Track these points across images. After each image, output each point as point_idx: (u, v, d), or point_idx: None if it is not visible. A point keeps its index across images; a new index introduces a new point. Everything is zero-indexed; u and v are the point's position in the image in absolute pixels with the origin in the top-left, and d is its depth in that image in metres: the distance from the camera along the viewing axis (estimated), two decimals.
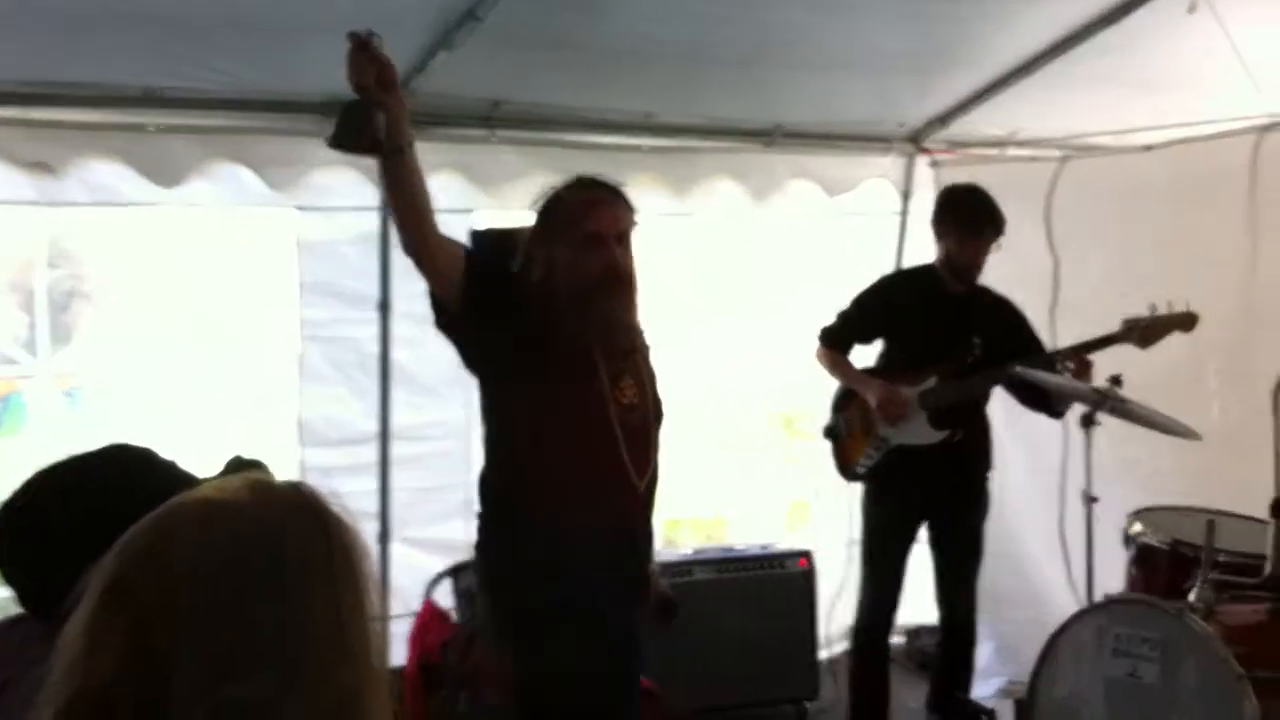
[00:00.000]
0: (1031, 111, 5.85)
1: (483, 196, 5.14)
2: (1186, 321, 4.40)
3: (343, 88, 4.71)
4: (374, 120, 2.86)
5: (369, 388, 5.14)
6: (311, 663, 1.25)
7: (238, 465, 1.66)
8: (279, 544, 1.28)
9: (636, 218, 3.29)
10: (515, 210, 5.24)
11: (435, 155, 4.97)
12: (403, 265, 5.02)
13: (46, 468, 1.89)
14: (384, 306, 5.07)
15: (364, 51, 2.91)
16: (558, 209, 3.27)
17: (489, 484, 3.38)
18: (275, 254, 5.06)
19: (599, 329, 3.19)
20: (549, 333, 3.18)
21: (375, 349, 5.12)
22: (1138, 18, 5.07)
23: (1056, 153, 5.89)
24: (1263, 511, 3.70)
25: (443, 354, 5.18)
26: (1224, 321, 4.67)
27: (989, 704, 5.29)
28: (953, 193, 4.99)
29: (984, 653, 5.53)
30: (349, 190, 4.94)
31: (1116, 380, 4.16)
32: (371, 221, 5.03)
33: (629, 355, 3.31)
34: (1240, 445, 4.45)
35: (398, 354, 5.14)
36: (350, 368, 5.13)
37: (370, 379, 5.14)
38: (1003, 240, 4.84)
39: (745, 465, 7.89)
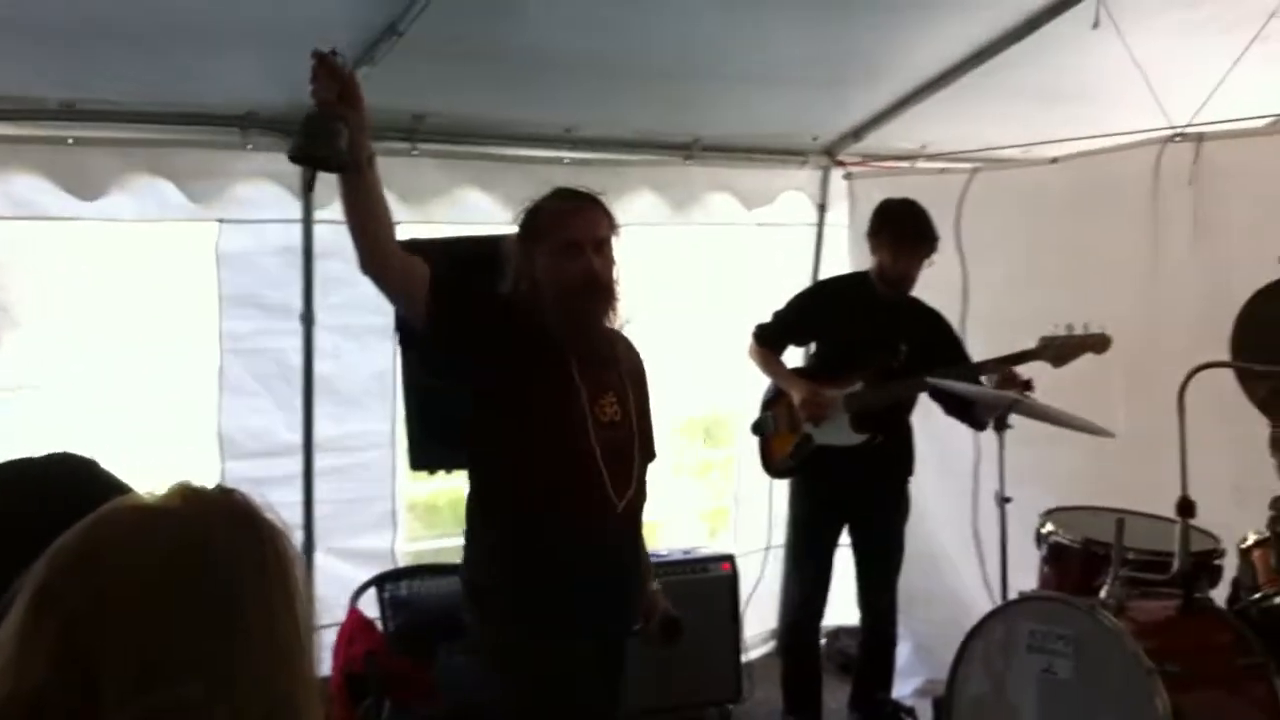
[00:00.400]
0: (942, 125, 5.99)
1: (405, 210, 5.15)
2: (1100, 344, 4.54)
3: (263, 100, 4.79)
4: (336, 134, 2.86)
5: (291, 399, 5.14)
6: (243, 668, 1.25)
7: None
8: (210, 550, 1.27)
9: (616, 226, 3.28)
10: (438, 223, 5.28)
11: None
12: (325, 277, 5.11)
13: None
14: (307, 318, 5.07)
15: (326, 66, 2.93)
16: (536, 219, 3.27)
17: (472, 502, 3.36)
18: (196, 266, 5.03)
19: (577, 337, 3.18)
20: (524, 347, 3.16)
21: (298, 361, 5.11)
22: (1044, 34, 5.23)
23: (966, 165, 6.03)
24: (1168, 511, 3.82)
25: (366, 365, 5.29)
26: (1128, 328, 4.80)
27: (909, 703, 5.40)
28: (888, 207, 5.11)
29: (903, 652, 5.64)
30: (271, 203, 4.94)
31: (1027, 385, 4.30)
32: (294, 234, 5.03)
33: (610, 371, 3.26)
34: (1146, 447, 4.57)
35: (321, 365, 5.14)
36: (272, 379, 5.12)
37: (293, 390, 5.13)
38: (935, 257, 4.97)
39: (666, 472, 7.95)
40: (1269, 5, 4.88)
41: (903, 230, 4.96)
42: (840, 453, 4.96)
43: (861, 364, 4.97)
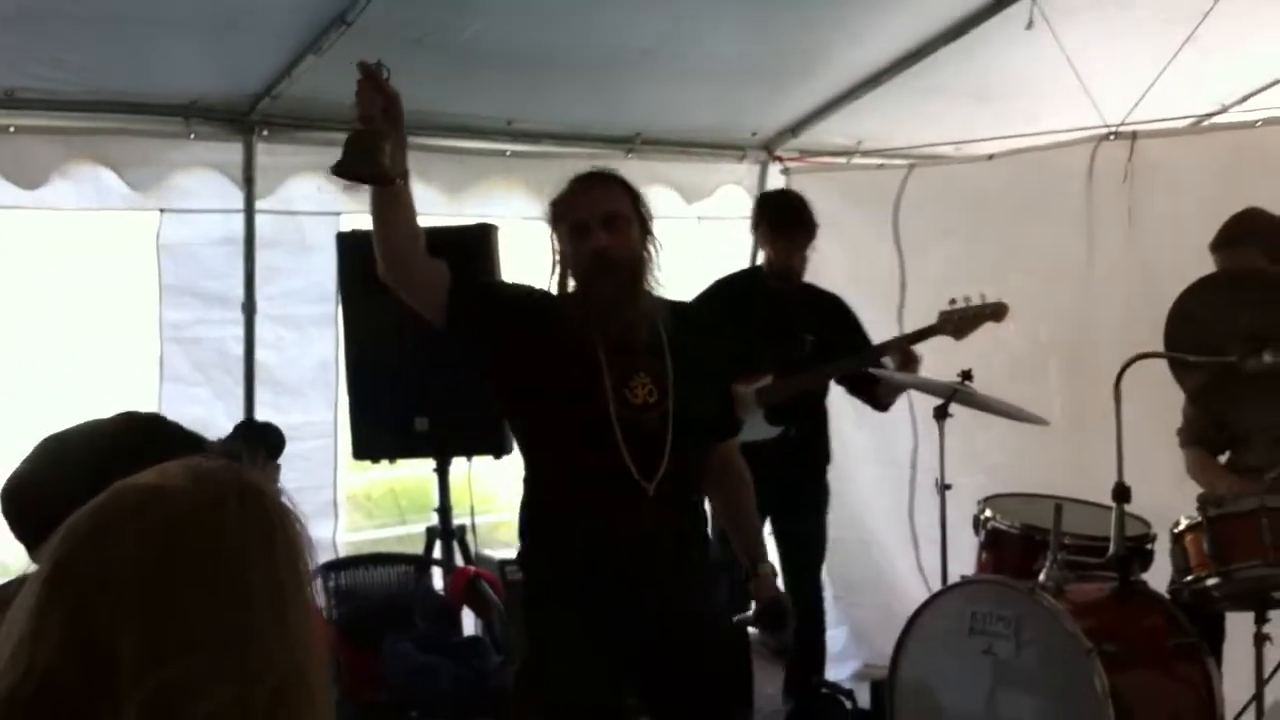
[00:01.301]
0: (878, 122, 6.08)
1: (348, 200, 5.15)
2: (997, 312, 4.58)
3: (207, 89, 4.77)
4: (380, 150, 2.91)
5: (232, 389, 5.12)
6: (253, 646, 1.26)
7: (247, 426, 1.67)
8: (219, 528, 1.28)
9: (633, 199, 3.22)
10: None
11: (301, 158, 5.02)
12: (267, 266, 5.09)
13: (55, 435, 1.88)
14: (248, 308, 5.05)
15: (372, 81, 2.95)
16: (554, 209, 3.26)
17: (523, 495, 3.35)
18: (136, 255, 5.00)
19: (599, 317, 3.12)
20: (548, 336, 3.14)
21: (239, 350, 5.10)
22: (979, 33, 5.34)
23: (902, 161, 6.12)
24: (1103, 498, 3.91)
25: (308, 355, 5.28)
26: (1063, 320, 4.92)
27: (847, 686, 5.46)
28: (765, 198, 5.17)
29: (839, 638, 5.72)
30: (212, 192, 4.94)
31: (967, 374, 4.37)
32: (235, 224, 5.02)
33: (643, 351, 3.16)
34: (1081, 436, 4.69)
35: (262, 355, 5.13)
36: (213, 369, 5.10)
37: (234, 380, 5.11)
38: (817, 244, 4.98)
39: None
40: (1200, 6, 5.01)
41: (779, 220, 4.96)
42: (758, 448, 4.98)
43: (768, 357, 4.98)
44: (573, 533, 3.19)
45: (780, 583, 4.46)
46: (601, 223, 3.13)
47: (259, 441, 4.23)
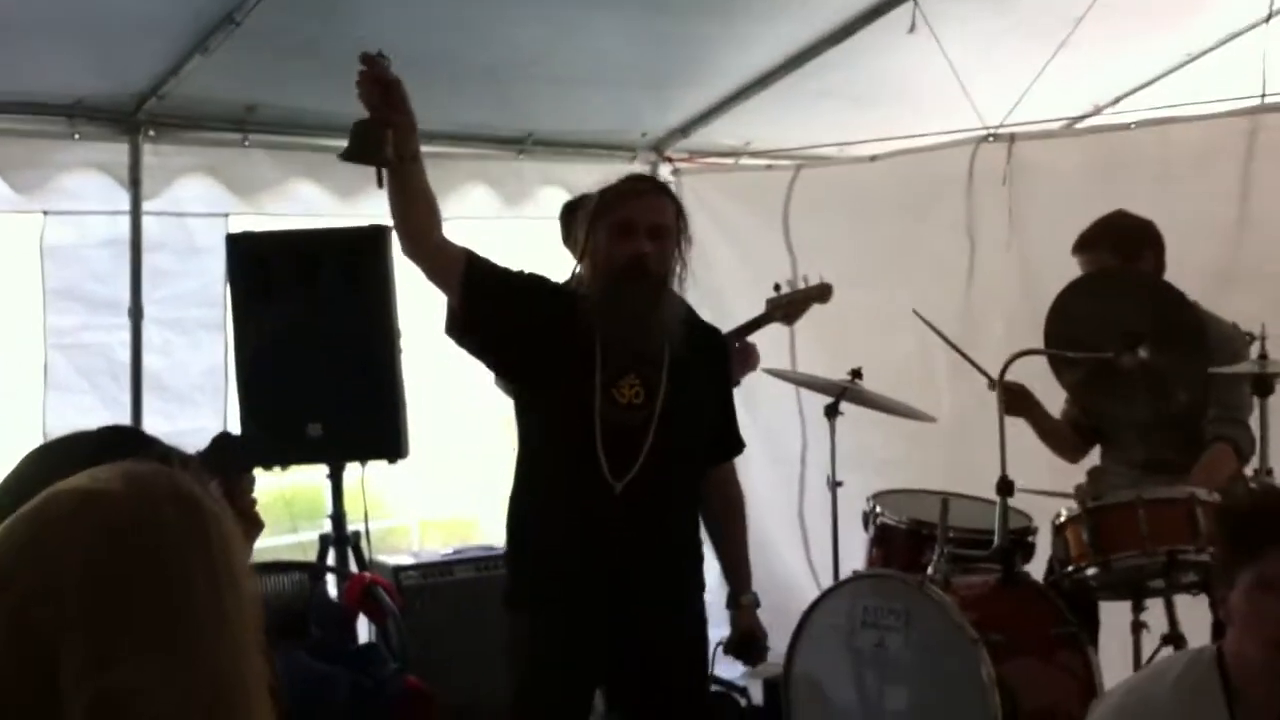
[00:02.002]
0: (765, 123, 6.17)
1: (237, 202, 5.11)
2: (822, 293, 4.61)
3: (92, 89, 4.69)
4: (384, 136, 3.02)
5: (119, 396, 5.03)
6: (194, 647, 1.28)
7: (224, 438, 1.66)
8: (156, 532, 1.30)
9: (683, 219, 3.28)
10: (270, 215, 5.23)
11: (188, 158, 4.96)
12: (154, 270, 5.02)
13: (40, 446, 1.86)
14: (135, 313, 4.98)
15: (374, 70, 3.01)
16: (602, 200, 3.28)
17: (511, 486, 3.43)
18: (19, 259, 4.89)
19: (611, 315, 3.17)
20: (551, 326, 3.19)
21: (126, 356, 5.01)
22: (863, 36, 5.44)
23: (789, 162, 6.22)
24: (987, 493, 4.03)
25: (196, 361, 5.21)
26: (947, 319, 5.02)
27: (740, 683, 5.53)
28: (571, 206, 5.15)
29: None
30: (98, 194, 4.86)
31: (857, 373, 4.46)
32: (122, 226, 4.94)
33: (642, 354, 3.22)
34: (966, 433, 4.81)
35: (149, 361, 5.05)
36: (99, 375, 5.01)
37: (120, 387, 5.02)
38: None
39: (487, 467, 8.00)
40: (1074, 12, 5.17)
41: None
42: None
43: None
44: (542, 525, 3.28)
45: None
46: (648, 230, 3.19)
47: (235, 453, 4.17)
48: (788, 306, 4.59)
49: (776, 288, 4.62)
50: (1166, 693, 2.62)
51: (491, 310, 3.19)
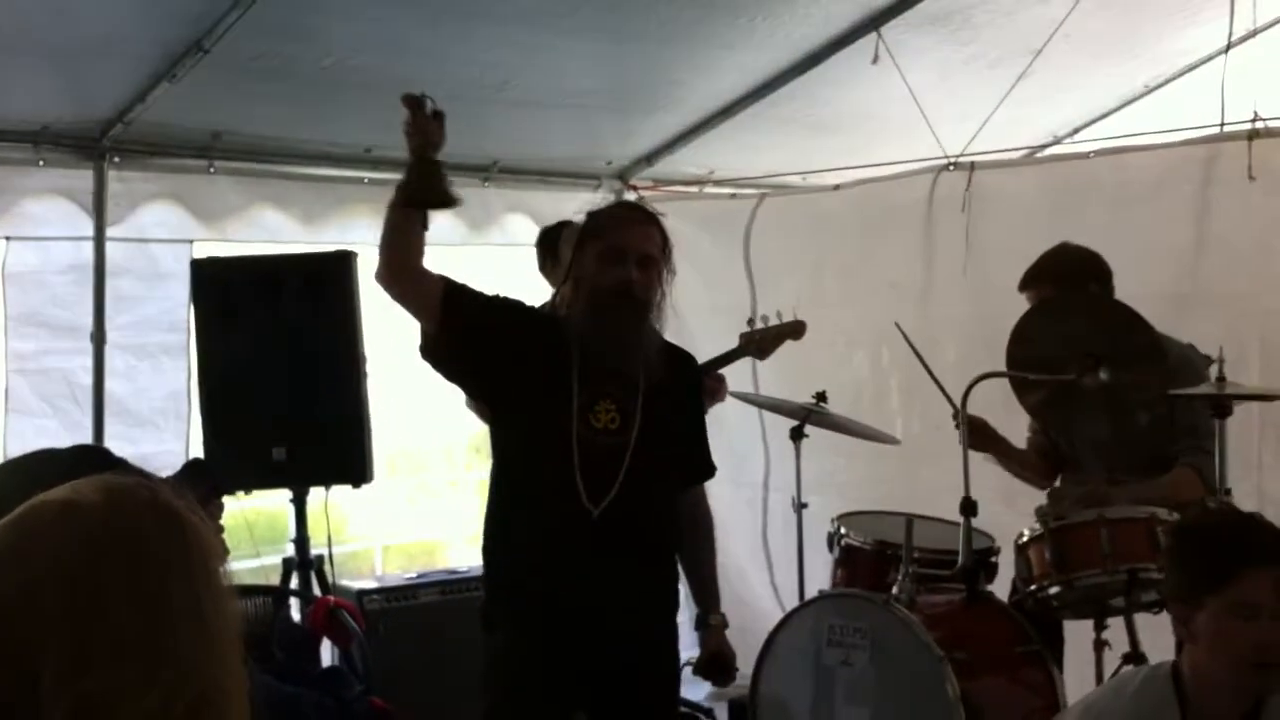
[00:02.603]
0: (729, 152, 6.24)
1: (201, 228, 5.11)
2: (795, 330, 4.66)
3: (57, 115, 4.68)
4: (444, 177, 3.13)
5: (81, 420, 5.00)
6: (174, 656, 1.29)
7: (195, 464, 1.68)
8: (138, 543, 1.31)
9: (669, 250, 3.32)
10: (234, 241, 5.23)
11: (153, 185, 4.97)
12: (117, 295, 5.00)
13: (11, 460, 1.86)
14: (97, 337, 4.96)
15: (423, 111, 3.10)
16: (593, 222, 3.33)
17: (486, 508, 3.44)
18: None
19: (593, 340, 3.21)
20: (529, 350, 3.22)
21: (88, 380, 4.99)
22: (826, 67, 5.51)
23: (753, 190, 6.28)
24: (947, 514, 4.07)
25: (159, 385, 5.20)
26: (904, 343, 5.06)
27: (705, 705, 5.54)
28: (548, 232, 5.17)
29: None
30: (61, 220, 4.85)
31: (822, 396, 4.50)
32: (85, 251, 4.93)
33: (619, 380, 3.25)
34: (924, 454, 4.87)
35: (112, 385, 5.03)
36: (61, 400, 4.98)
37: (83, 411, 5.00)
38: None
39: (447, 491, 7.99)
40: (1033, 43, 5.26)
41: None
42: None
43: None
44: (519, 547, 3.29)
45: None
46: (638, 260, 3.24)
47: (206, 478, 4.16)
48: (760, 341, 4.63)
49: (750, 322, 4.66)
50: (1123, 707, 2.69)
51: (469, 336, 3.21)
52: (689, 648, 3.70)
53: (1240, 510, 2.73)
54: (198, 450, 5.00)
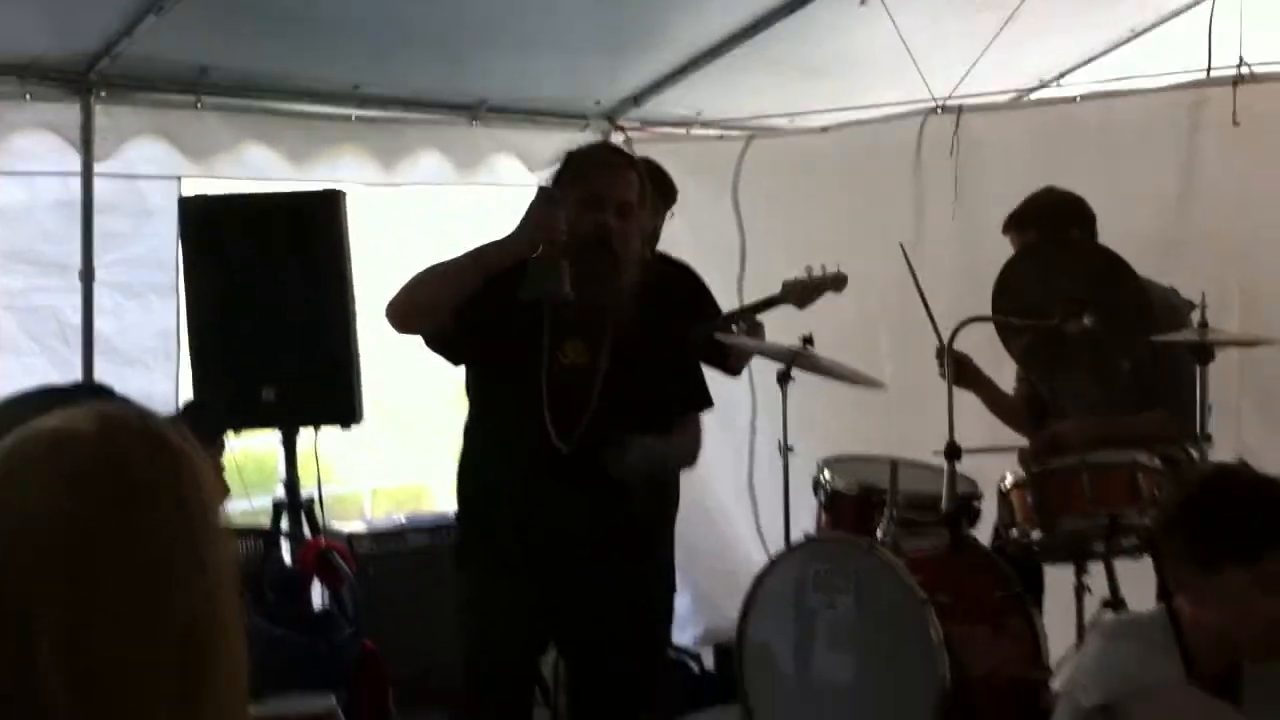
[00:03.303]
0: (718, 93, 6.20)
1: (189, 164, 5.08)
2: (837, 282, 4.66)
3: (44, 48, 4.64)
4: (563, 272, 3.11)
5: (69, 359, 4.99)
6: (167, 577, 1.30)
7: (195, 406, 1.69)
8: (129, 471, 1.31)
9: (647, 196, 3.35)
10: (222, 178, 5.21)
11: (140, 120, 4.93)
12: (106, 232, 4.99)
13: (11, 396, 1.87)
14: (86, 275, 4.93)
15: (555, 206, 3.10)
16: (570, 165, 3.35)
17: (460, 450, 3.49)
18: None
19: (574, 284, 3.17)
20: (503, 298, 3.19)
21: (76, 319, 4.97)
22: (814, 8, 5.48)
23: (740, 132, 6.26)
24: (933, 459, 4.11)
25: (148, 324, 5.19)
26: (893, 287, 5.07)
27: (692, 649, 5.61)
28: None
29: (682, 603, 5.83)
30: (49, 155, 4.82)
31: (809, 340, 4.51)
32: (73, 187, 4.89)
33: (587, 317, 3.26)
34: (911, 400, 4.90)
35: (101, 324, 5.01)
36: (49, 338, 4.99)
37: (71, 350, 4.99)
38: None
39: (437, 435, 8.01)
40: None
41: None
42: None
43: None
44: (489, 484, 3.34)
45: None
46: (616, 207, 3.25)
47: (206, 420, 4.17)
48: (802, 290, 4.63)
49: (806, 270, 4.62)
50: (1127, 657, 2.62)
51: (472, 324, 3.26)
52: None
53: (1269, 476, 2.63)
54: (187, 390, 5.02)
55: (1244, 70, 4.79)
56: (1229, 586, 2.46)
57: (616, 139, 6.42)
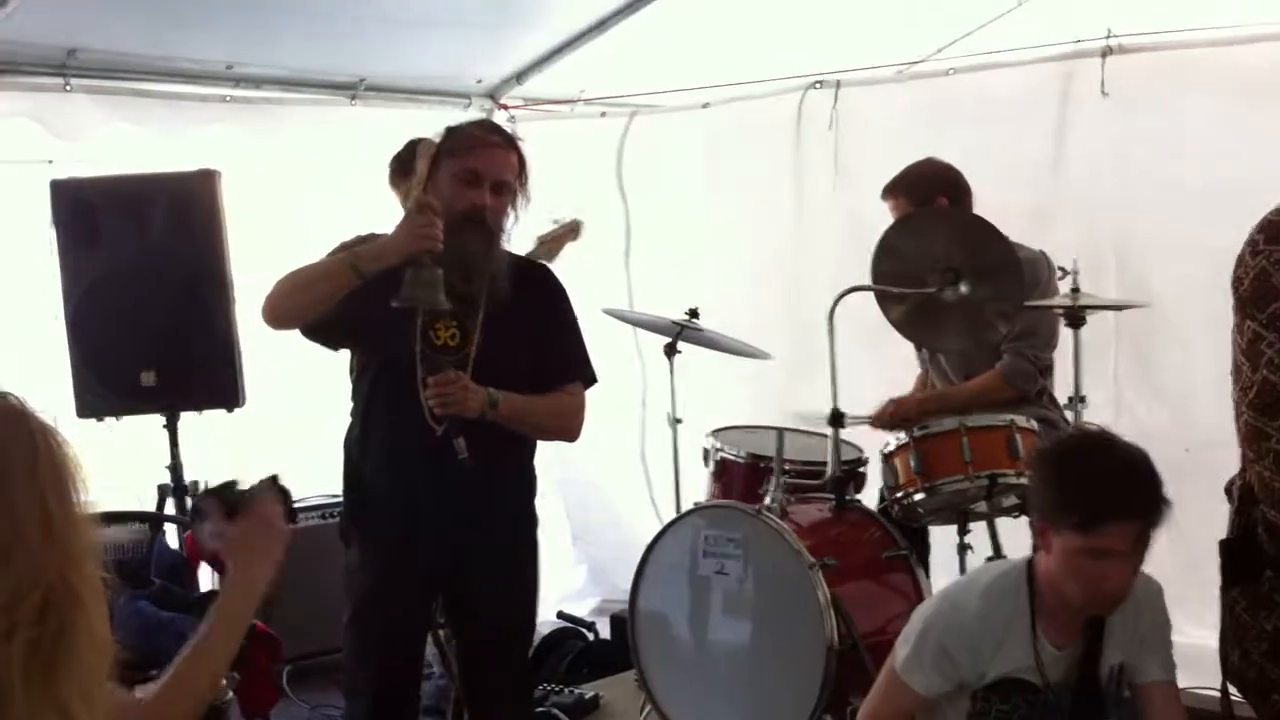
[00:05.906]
0: (600, 71, 6.19)
1: (60, 146, 4.96)
2: (573, 229, 4.61)
3: None
4: (440, 283, 3.13)
5: None
6: (19, 557, 1.35)
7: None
8: None
9: (525, 176, 3.33)
10: (93, 161, 5.10)
11: (7, 103, 4.79)
12: None
13: None
14: None
15: (431, 217, 3.11)
16: (451, 138, 3.32)
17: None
18: None
19: (438, 259, 3.16)
20: (377, 279, 3.18)
21: None
22: None
23: (623, 110, 6.27)
24: (819, 429, 4.17)
25: (24, 308, 5.03)
26: (777, 260, 5.16)
27: (587, 619, 5.64)
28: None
29: (578, 576, 5.87)
30: None
31: (694, 313, 4.56)
32: None
33: (462, 299, 3.24)
34: (796, 371, 4.97)
35: None
36: None
37: None
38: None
39: (322, 416, 7.89)
40: None
41: None
42: None
43: None
44: (370, 464, 3.38)
45: None
46: (493, 185, 3.26)
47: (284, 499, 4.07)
48: (549, 245, 4.64)
49: (553, 223, 4.63)
50: (976, 597, 2.86)
51: (347, 325, 3.30)
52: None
53: (1126, 448, 2.74)
54: (66, 374, 4.89)
55: (1111, 41, 4.91)
56: (1066, 547, 2.66)
57: (501, 118, 6.40)
